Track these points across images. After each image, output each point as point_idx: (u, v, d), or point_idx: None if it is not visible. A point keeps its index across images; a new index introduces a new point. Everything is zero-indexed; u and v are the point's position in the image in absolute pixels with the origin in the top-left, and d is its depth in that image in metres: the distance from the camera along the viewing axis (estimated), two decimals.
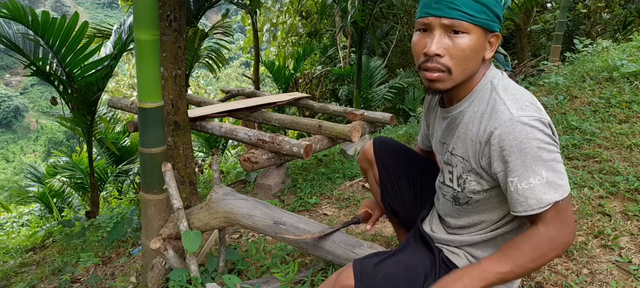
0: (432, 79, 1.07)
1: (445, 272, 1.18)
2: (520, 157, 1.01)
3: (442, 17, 1.03)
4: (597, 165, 2.40)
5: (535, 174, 1.01)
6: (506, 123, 1.02)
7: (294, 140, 2.87)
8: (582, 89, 3.63)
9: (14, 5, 3.51)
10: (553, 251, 1.07)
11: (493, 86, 1.11)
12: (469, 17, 1.02)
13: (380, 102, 7.64)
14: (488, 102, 1.09)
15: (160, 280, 1.99)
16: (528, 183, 1.02)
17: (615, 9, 8.14)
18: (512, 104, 1.05)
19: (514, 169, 1.02)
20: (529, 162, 1.01)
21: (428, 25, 1.06)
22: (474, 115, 1.11)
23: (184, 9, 2.39)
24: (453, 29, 1.03)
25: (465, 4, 1.02)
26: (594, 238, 1.81)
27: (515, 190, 1.04)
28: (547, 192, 1.02)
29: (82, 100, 4.21)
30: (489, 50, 1.10)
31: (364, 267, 1.19)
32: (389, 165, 1.51)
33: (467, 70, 1.08)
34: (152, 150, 1.93)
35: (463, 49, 1.04)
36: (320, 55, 9.67)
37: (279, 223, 1.71)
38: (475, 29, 1.04)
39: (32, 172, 7.54)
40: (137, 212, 3.33)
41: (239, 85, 14.37)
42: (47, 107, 41.12)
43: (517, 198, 1.05)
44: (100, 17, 48.01)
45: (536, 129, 1.01)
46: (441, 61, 1.05)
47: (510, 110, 1.03)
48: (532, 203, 1.03)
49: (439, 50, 1.04)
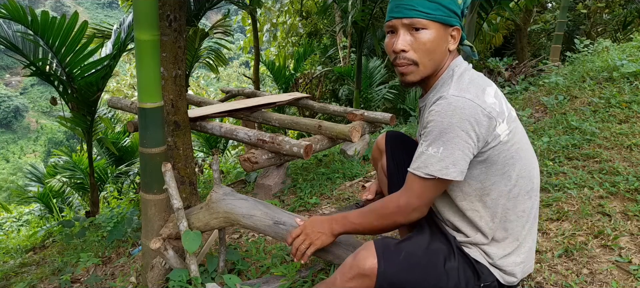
0: (403, 72, 1.22)
1: (462, 258, 1.24)
2: (436, 126, 1.12)
3: (403, 18, 1.18)
4: (597, 165, 2.40)
5: (436, 145, 1.13)
6: (439, 101, 1.14)
7: (294, 140, 2.87)
8: (582, 89, 3.63)
9: (13, 6, 3.51)
10: (397, 215, 1.22)
11: (453, 73, 1.21)
12: (425, 15, 1.16)
13: (380, 102, 7.64)
14: (443, 87, 1.20)
15: (160, 280, 1.99)
16: (426, 150, 1.15)
17: (616, 9, 8.15)
18: (455, 85, 1.16)
19: (427, 135, 1.14)
20: (438, 134, 1.12)
21: (393, 26, 1.21)
22: (432, 102, 1.20)
23: (184, 9, 2.39)
24: (414, 26, 1.18)
25: (420, 4, 1.16)
26: (594, 238, 1.81)
27: (417, 151, 1.18)
28: (432, 164, 1.13)
29: (82, 100, 4.21)
30: (452, 43, 1.23)
31: (386, 245, 1.20)
32: (399, 156, 1.54)
33: (432, 61, 1.21)
34: (152, 150, 1.93)
35: (424, 43, 1.18)
36: (320, 55, 9.67)
37: (279, 223, 1.70)
38: (432, 24, 1.17)
39: (32, 172, 7.54)
40: (137, 212, 3.33)
41: (239, 85, 14.37)
42: (47, 107, 41.11)
43: (414, 157, 1.18)
44: (100, 17, 48.03)
45: (459, 109, 1.10)
46: (407, 56, 1.20)
47: (449, 91, 1.14)
48: (418, 165, 1.16)
49: (403, 46, 1.19)
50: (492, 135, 1.14)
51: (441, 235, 1.30)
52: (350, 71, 7.80)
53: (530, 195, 1.25)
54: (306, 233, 1.37)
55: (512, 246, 1.24)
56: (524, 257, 1.26)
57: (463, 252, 1.25)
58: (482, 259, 1.24)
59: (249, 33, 9.76)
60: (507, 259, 1.24)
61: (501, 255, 1.24)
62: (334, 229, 1.34)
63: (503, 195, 1.21)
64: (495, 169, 1.19)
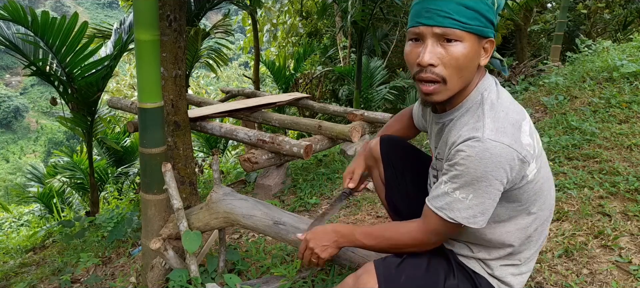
0: (428, 91, 1.06)
1: (462, 274, 1.20)
2: (467, 172, 1.01)
3: (434, 26, 1.00)
4: (597, 165, 2.40)
5: (464, 191, 1.03)
6: (474, 140, 1.01)
7: (294, 141, 2.87)
8: (582, 89, 3.63)
9: (13, 6, 3.51)
10: (411, 247, 1.16)
11: (483, 99, 1.08)
12: (462, 25, 1.00)
13: (380, 102, 7.63)
14: (474, 114, 1.08)
15: (160, 280, 1.99)
16: (453, 191, 1.05)
17: (616, 9, 8.14)
18: (490, 122, 1.03)
19: (455, 178, 1.04)
20: (468, 180, 1.02)
21: (420, 34, 1.04)
22: (461, 125, 1.09)
23: (184, 9, 2.39)
24: (445, 37, 1.01)
25: (456, 11, 0.99)
26: (594, 239, 1.81)
27: (440, 183, 1.08)
28: (460, 210, 1.05)
29: (82, 100, 4.20)
30: (484, 57, 1.08)
31: (387, 268, 1.18)
32: (396, 163, 1.50)
33: (463, 78, 1.06)
34: (152, 151, 1.93)
35: (457, 58, 1.01)
36: (321, 55, 9.66)
37: (279, 223, 1.70)
38: (468, 36, 1.01)
39: (33, 172, 7.54)
40: (137, 212, 3.33)
41: (239, 86, 14.37)
42: (47, 107, 41.09)
43: (436, 189, 1.09)
44: (100, 17, 48.00)
45: (496, 157, 1.00)
46: (435, 71, 1.03)
47: (484, 129, 1.02)
48: (441, 204, 1.07)
49: (432, 60, 1.02)
50: (520, 176, 1.05)
51: (439, 250, 1.28)
52: (350, 71, 7.80)
53: (545, 225, 1.21)
54: (311, 248, 1.30)
55: (515, 262, 1.22)
56: (524, 269, 1.23)
57: (462, 265, 1.23)
58: (481, 270, 1.22)
59: (249, 33, 9.76)
60: (506, 269, 1.22)
61: (501, 267, 1.21)
62: (339, 243, 1.27)
63: (520, 229, 1.16)
64: (516, 205, 1.12)
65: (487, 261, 1.22)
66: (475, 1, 1.01)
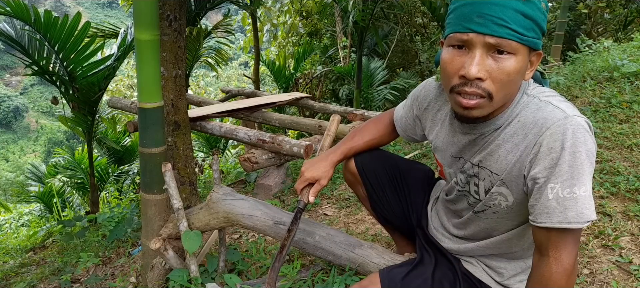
0: (469, 106, 0.92)
1: (467, 283, 1.19)
2: (571, 160, 0.88)
3: (487, 35, 0.87)
4: (598, 165, 2.40)
5: (580, 184, 0.88)
6: (560, 121, 0.90)
7: (294, 140, 2.87)
8: (582, 88, 3.63)
9: (17, 3, 3.52)
10: None
11: (530, 96, 0.99)
12: (518, 36, 0.88)
13: (381, 102, 7.64)
14: (530, 113, 0.97)
15: (160, 280, 1.99)
16: (571, 193, 0.89)
17: (616, 8, 8.13)
18: (560, 103, 0.94)
19: (559, 174, 0.89)
20: (578, 169, 0.88)
21: (467, 42, 0.90)
22: (516, 131, 0.98)
23: (184, 9, 2.38)
24: (498, 48, 0.88)
25: (514, 20, 0.87)
26: (595, 239, 1.81)
27: (554, 198, 0.90)
28: (588, 207, 0.89)
29: (83, 100, 4.21)
30: (530, 71, 0.96)
31: (392, 280, 1.17)
32: (373, 180, 1.48)
33: (509, 95, 0.94)
34: (152, 150, 1.93)
35: (508, 73, 0.89)
36: (321, 55, 9.66)
37: (279, 223, 1.70)
38: (522, 49, 0.89)
39: (33, 171, 7.54)
40: (137, 212, 3.33)
41: (239, 85, 14.37)
42: (47, 107, 41.17)
43: (554, 207, 0.90)
44: (100, 17, 48.01)
45: (588, 134, 0.89)
46: (482, 86, 0.90)
47: (561, 109, 0.92)
48: (571, 215, 0.89)
49: (480, 73, 0.89)
50: None
51: (444, 259, 1.27)
52: (351, 71, 7.80)
53: None
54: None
55: (523, 268, 1.20)
56: None
57: (467, 274, 1.22)
58: (487, 279, 1.20)
59: (249, 33, 9.75)
60: (515, 279, 1.19)
61: (511, 275, 1.19)
62: None
63: None
64: None
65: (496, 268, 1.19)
66: (533, 9, 0.89)
